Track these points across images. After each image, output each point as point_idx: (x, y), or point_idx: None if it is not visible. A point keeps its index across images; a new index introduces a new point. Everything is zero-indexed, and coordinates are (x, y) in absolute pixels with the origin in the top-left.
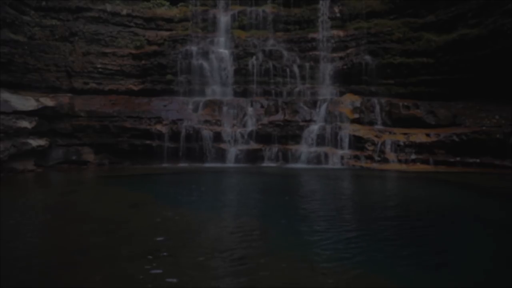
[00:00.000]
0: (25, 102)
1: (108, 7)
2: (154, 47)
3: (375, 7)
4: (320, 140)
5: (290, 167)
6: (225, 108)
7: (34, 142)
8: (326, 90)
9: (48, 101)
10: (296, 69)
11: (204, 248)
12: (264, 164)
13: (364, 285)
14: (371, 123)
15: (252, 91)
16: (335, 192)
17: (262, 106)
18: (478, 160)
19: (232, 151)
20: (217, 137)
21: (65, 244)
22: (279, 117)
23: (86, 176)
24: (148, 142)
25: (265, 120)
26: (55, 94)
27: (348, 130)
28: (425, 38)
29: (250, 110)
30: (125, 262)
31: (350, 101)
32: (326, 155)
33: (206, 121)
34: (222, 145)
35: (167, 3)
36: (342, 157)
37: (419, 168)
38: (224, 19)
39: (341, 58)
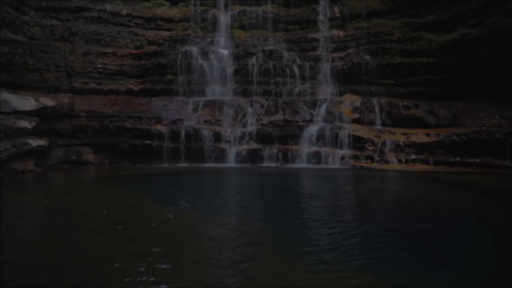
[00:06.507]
0: (25, 102)
1: (108, 7)
2: (154, 47)
3: (375, 7)
4: (320, 140)
5: (290, 167)
6: (225, 108)
7: (34, 142)
8: (326, 90)
9: (48, 101)
10: (296, 69)
11: (204, 248)
12: (264, 164)
13: (364, 285)
14: (371, 123)
15: (252, 91)
16: (335, 192)
17: (262, 106)
18: (478, 160)
19: (232, 151)
20: (217, 137)
21: (65, 244)
22: (279, 117)
23: (86, 176)
24: (148, 142)
25: (265, 120)
26: (55, 94)
27: (348, 130)
28: (425, 38)
29: (250, 110)
30: (125, 262)
31: (350, 101)
32: (326, 155)
33: (206, 121)
34: (222, 145)
35: (167, 3)
36: (342, 157)
37: (419, 168)
38: (224, 19)
39: (341, 58)
